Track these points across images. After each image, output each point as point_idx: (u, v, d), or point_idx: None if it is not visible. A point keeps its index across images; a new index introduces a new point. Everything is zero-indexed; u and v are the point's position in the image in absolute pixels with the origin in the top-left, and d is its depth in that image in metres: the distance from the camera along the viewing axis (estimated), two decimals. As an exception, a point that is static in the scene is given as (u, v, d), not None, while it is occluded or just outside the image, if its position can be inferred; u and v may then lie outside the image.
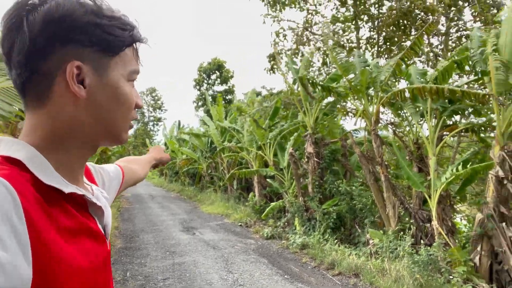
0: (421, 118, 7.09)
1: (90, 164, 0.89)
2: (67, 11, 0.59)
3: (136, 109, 0.72)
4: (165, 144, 24.28)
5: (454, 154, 8.62)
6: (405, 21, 11.18)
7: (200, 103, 26.26)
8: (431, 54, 11.71)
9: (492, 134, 7.18)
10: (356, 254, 6.65)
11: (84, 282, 0.57)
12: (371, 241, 6.95)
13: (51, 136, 0.63)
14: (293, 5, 13.59)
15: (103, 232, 0.69)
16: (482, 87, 7.27)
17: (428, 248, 5.81)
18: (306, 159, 8.63)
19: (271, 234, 8.45)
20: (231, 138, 14.22)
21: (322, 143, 8.53)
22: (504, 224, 5.56)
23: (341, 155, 8.72)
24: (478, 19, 11.76)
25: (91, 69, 0.62)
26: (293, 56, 9.66)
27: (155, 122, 49.01)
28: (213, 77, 26.60)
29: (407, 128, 7.66)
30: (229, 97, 25.05)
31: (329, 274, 6.07)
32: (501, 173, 5.49)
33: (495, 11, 11.54)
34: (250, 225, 10.02)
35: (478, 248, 5.80)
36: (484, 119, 7.03)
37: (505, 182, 5.49)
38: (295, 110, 10.46)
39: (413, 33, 11.85)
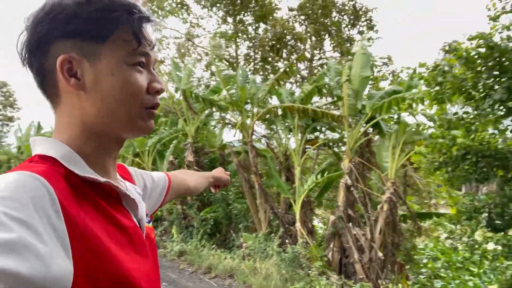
0: (290, 133, 8.05)
1: (132, 168, 0.89)
2: (48, 9, 0.61)
3: (156, 94, 0.68)
4: (19, 148, 21.18)
5: (314, 164, 9.93)
6: (278, 45, 12.45)
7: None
8: (299, 76, 13.28)
9: (343, 149, 8.60)
10: (231, 257, 7.10)
11: (123, 273, 0.57)
12: (244, 244, 7.51)
13: (74, 133, 0.64)
14: (176, 15, 13.73)
15: (138, 225, 0.69)
16: (337, 108, 8.66)
17: (294, 246, 6.62)
18: (186, 168, 8.81)
19: (147, 243, 8.31)
20: (104, 144, 13.37)
21: (202, 152, 8.85)
22: (350, 224, 6.72)
23: (220, 164, 9.17)
24: (335, 50, 13.90)
25: (83, 60, 0.61)
26: (176, 66, 9.77)
27: (4, 122, 41.87)
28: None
29: (278, 141, 8.58)
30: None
31: (206, 278, 6.36)
32: (349, 182, 6.65)
33: (348, 44, 13.83)
34: (123, 235, 9.62)
35: (331, 245, 6.86)
36: (337, 135, 8.40)
37: (352, 189, 6.67)
38: (174, 118, 10.54)
39: (283, 55, 13.28)
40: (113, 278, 0.55)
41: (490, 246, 4.56)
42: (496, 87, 3.82)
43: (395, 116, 6.86)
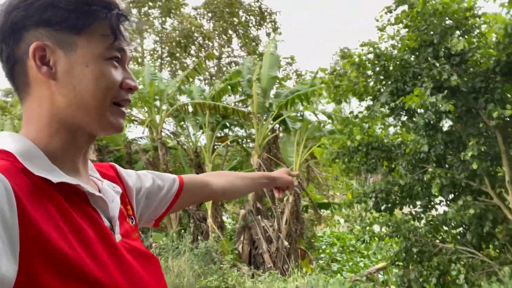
0: (200, 130, 8.10)
1: (126, 170, 0.84)
2: None
3: (128, 91, 0.67)
4: None
5: (223, 161, 10.13)
6: (186, 42, 12.36)
7: None
8: (207, 74, 13.36)
9: (251, 145, 8.95)
10: (140, 258, 6.87)
11: (79, 275, 0.53)
12: (154, 244, 7.34)
13: (42, 125, 0.61)
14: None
15: (108, 224, 0.65)
16: (245, 106, 8.97)
17: (206, 242, 6.71)
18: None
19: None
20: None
21: (106, 150, 8.35)
22: (259, 216, 7.07)
23: (126, 162, 8.76)
24: (243, 49, 14.33)
25: (57, 49, 0.60)
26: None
27: None
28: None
29: (188, 138, 8.55)
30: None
31: (114, 281, 6.06)
32: (258, 176, 6.99)
33: (255, 44, 14.39)
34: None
35: (241, 238, 7.13)
36: (246, 132, 8.73)
37: (260, 183, 7.02)
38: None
39: (192, 52, 13.23)
40: (63, 280, 0.51)
41: (376, 228, 5.27)
42: (383, 90, 4.44)
43: (299, 114, 7.42)
